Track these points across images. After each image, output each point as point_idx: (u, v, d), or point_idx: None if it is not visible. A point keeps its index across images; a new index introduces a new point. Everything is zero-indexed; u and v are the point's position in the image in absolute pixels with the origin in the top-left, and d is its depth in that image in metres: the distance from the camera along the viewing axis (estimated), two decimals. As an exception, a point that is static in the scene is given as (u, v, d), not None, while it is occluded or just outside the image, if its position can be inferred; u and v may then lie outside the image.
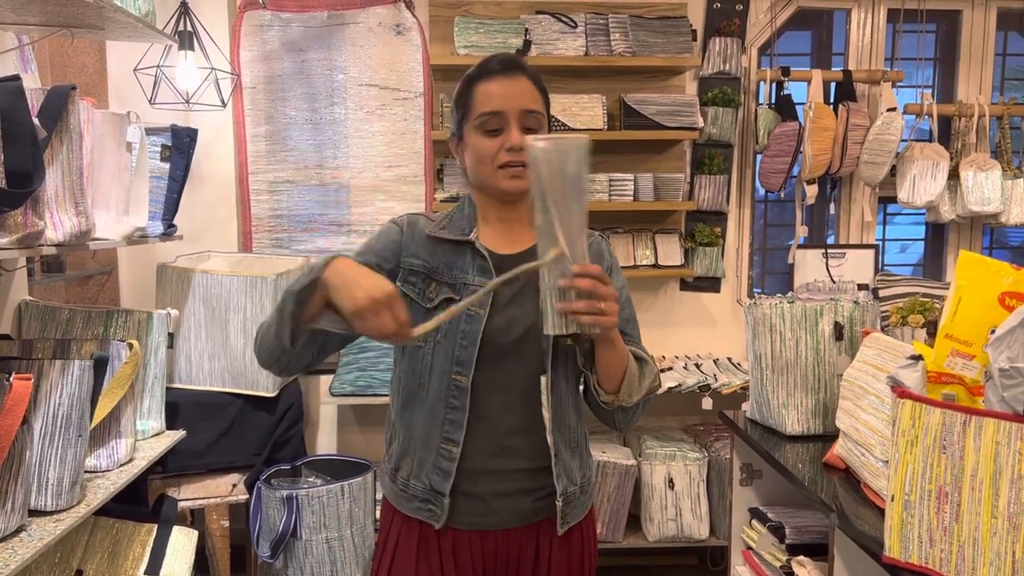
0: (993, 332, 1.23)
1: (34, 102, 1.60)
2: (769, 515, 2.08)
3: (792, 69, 3.22)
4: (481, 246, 1.36)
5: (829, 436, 1.98)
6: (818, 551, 1.89)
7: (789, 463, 1.86)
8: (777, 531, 2.02)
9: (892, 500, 1.29)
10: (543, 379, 1.32)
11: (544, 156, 1.12)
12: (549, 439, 1.33)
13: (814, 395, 2.02)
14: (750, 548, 2.16)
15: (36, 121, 1.57)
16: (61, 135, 1.65)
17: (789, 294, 2.24)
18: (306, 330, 1.19)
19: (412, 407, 1.38)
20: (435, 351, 1.34)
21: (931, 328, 2.28)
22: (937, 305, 2.32)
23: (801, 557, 1.91)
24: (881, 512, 1.43)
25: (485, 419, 1.34)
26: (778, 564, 1.99)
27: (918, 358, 1.34)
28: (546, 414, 1.32)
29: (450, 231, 1.38)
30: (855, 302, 2.04)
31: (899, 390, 1.28)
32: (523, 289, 1.34)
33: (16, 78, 1.47)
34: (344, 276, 1.12)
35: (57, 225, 1.65)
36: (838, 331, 2.00)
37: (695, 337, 3.44)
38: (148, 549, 1.99)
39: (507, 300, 1.34)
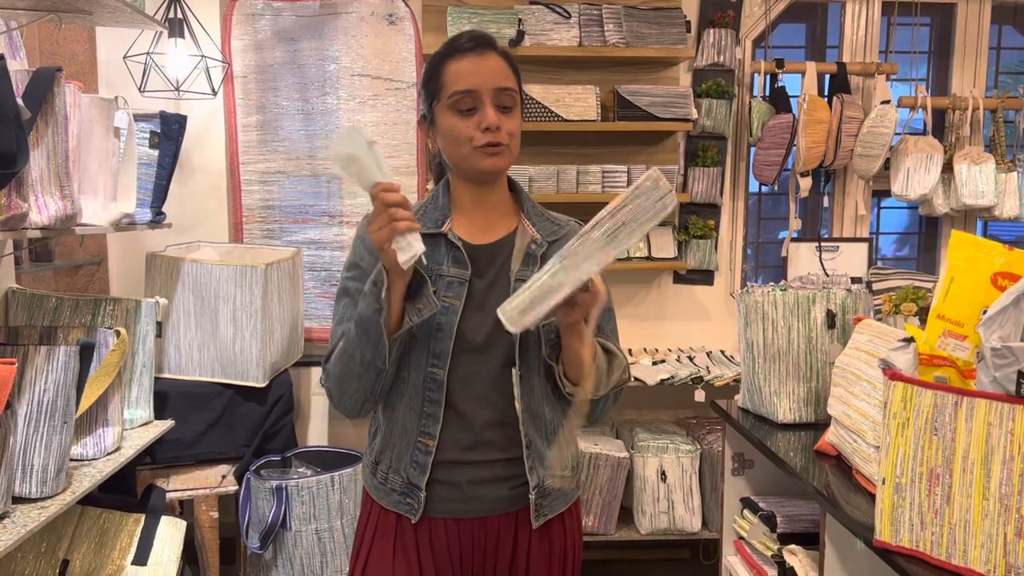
0: (985, 312, 1.22)
1: (19, 84, 1.58)
2: (761, 504, 2.06)
3: (786, 61, 3.21)
4: (455, 236, 1.35)
5: (821, 424, 1.97)
6: (810, 540, 1.88)
7: (781, 451, 1.85)
8: (768, 520, 2.01)
9: (883, 483, 1.29)
10: (513, 371, 1.32)
11: (651, 187, 1.15)
12: (521, 430, 1.33)
13: (806, 383, 2.01)
14: (741, 538, 2.15)
15: (20, 102, 1.55)
16: (46, 117, 1.63)
17: (782, 283, 2.23)
18: (394, 339, 1.26)
19: (393, 400, 1.38)
20: (412, 344, 1.33)
21: (924, 316, 2.27)
22: (930, 295, 2.32)
23: (792, 546, 1.90)
24: (872, 499, 1.42)
25: (460, 413, 1.34)
26: (769, 554, 1.98)
27: (910, 340, 1.33)
28: (518, 406, 1.32)
29: (423, 225, 1.35)
30: (847, 290, 2.03)
31: (890, 372, 1.28)
32: (496, 282, 1.34)
33: (0, 58, 1.46)
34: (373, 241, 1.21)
35: (42, 208, 1.63)
36: (830, 319, 1.99)
37: (688, 330, 3.42)
38: (136, 539, 1.97)
39: (481, 292, 1.34)
